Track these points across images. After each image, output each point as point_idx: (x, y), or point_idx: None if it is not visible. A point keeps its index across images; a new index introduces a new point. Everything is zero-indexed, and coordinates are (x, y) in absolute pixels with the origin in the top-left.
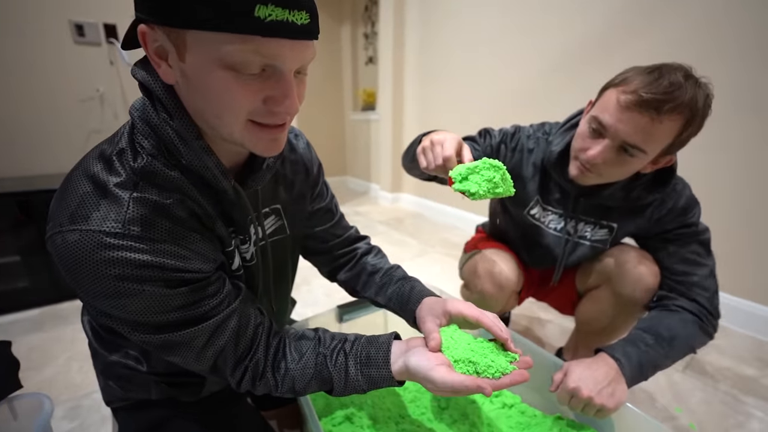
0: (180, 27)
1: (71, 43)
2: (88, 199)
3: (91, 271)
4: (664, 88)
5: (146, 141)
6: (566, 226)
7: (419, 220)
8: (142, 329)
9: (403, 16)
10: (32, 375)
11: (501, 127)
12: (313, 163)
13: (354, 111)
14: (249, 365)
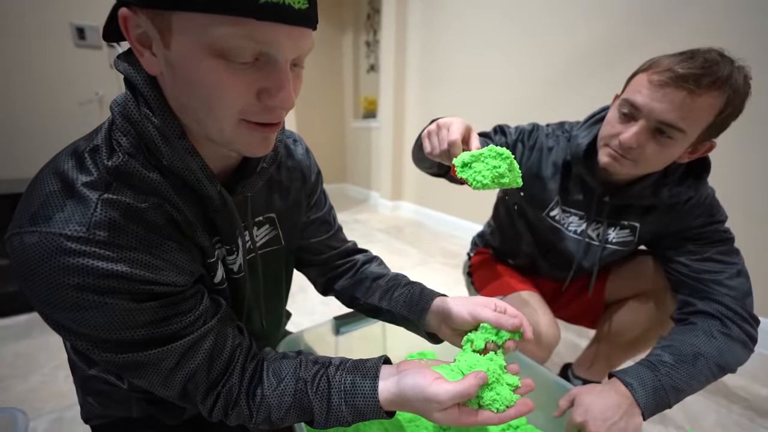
0: (166, 8)
1: (72, 46)
2: (53, 198)
3: (48, 278)
4: (701, 63)
5: (124, 138)
6: (587, 229)
7: (419, 229)
8: (103, 347)
9: (405, 22)
10: (17, 383)
11: (518, 125)
12: (312, 170)
13: (355, 119)
14: (222, 391)
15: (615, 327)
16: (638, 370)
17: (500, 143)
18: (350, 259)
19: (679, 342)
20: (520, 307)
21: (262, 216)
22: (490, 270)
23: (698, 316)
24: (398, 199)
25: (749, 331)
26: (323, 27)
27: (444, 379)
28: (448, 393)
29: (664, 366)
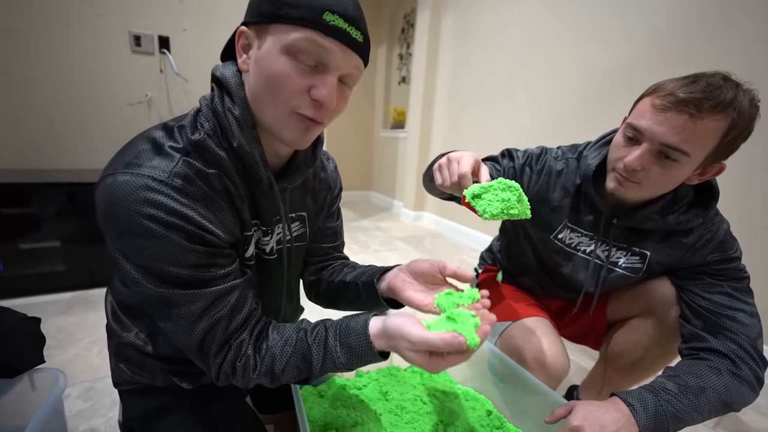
0: (270, 22)
1: (129, 52)
2: (145, 153)
3: (130, 208)
4: (702, 87)
5: (207, 123)
6: (596, 250)
7: (439, 240)
8: (150, 278)
9: (437, 39)
10: (57, 353)
11: (526, 148)
12: (336, 184)
13: (384, 128)
14: (233, 345)
15: (616, 348)
16: (641, 393)
17: (508, 167)
18: (340, 261)
19: (685, 374)
20: (526, 336)
21: (295, 213)
22: (496, 291)
23: (709, 353)
24: (421, 209)
25: (758, 374)
26: None
27: (422, 326)
28: (419, 336)
29: (667, 393)
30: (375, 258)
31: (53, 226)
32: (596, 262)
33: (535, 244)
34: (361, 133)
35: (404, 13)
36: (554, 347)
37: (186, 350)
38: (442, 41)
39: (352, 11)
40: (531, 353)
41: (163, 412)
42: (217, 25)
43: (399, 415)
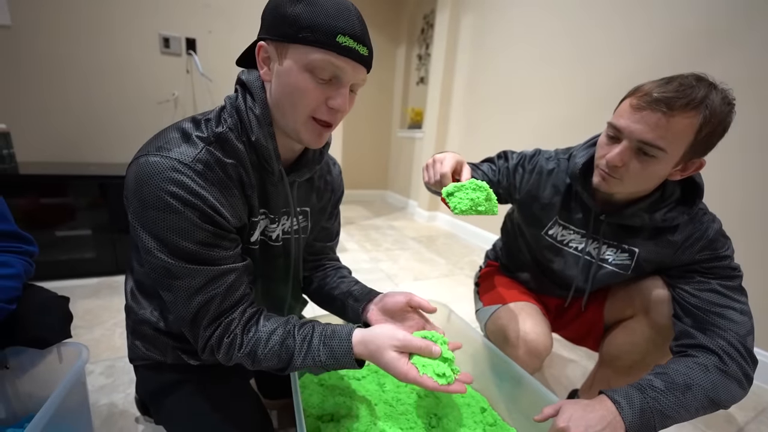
0: (289, 42)
1: (158, 53)
2: (175, 140)
3: (156, 183)
4: (675, 87)
5: (229, 118)
6: (587, 247)
7: (452, 241)
8: (162, 249)
9: (456, 39)
10: (83, 332)
11: (522, 150)
12: (340, 188)
13: (401, 128)
14: (223, 322)
15: (613, 350)
16: (627, 390)
17: (502, 167)
18: (330, 263)
19: (672, 371)
20: (512, 317)
21: (300, 207)
22: (494, 281)
23: (697, 350)
24: (435, 209)
25: (747, 371)
26: (380, 40)
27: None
28: (405, 335)
29: (654, 390)
30: (386, 256)
31: (85, 215)
32: (586, 259)
33: (529, 241)
34: (379, 133)
35: (424, 14)
36: (537, 327)
37: (180, 321)
38: (461, 42)
39: (359, 31)
40: (514, 332)
41: (172, 387)
42: (240, 28)
43: (393, 406)
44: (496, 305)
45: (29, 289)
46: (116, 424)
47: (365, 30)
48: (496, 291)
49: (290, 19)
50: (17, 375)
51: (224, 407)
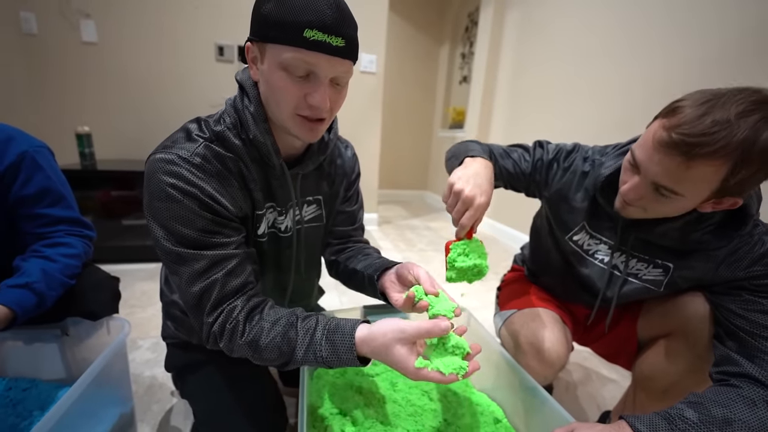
0: (264, 41)
1: (213, 60)
2: (179, 139)
3: (159, 177)
4: (702, 128)
5: (228, 118)
6: (613, 260)
7: (490, 244)
8: (168, 237)
9: (500, 36)
10: (137, 311)
11: (559, 143)
12: (354, 170)
13: (442, 128)
14: (226, 308)
15: (646, 370)
16: (653, 419)
17: (536, 159)
18: (356, 245)
19: (710, 402)
20: (526, 322)
21: (312, 197)
22: (516, 286)
23: (741, 380)
24: None
25: None
26: (423, 40)
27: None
28: (414, 326)
29: (685, 422)
30: (419, 257)
31: None
32: (612, 272)
33: (557, 243)
34: (420, 133)
35: (468, 12)
36: (552, 335)
37: (187, 308)
38: (505, 39)
39: (330, 21)
40: (526, 337)
41: (196, 366)
42: None
43: (403, 407)
44: (511, 310)
45: (87, 269)
46: (155, 394)
47: (341, 19)
48: (515, 296)
49: (263, 18)
50: (75, 342)
51: (240, 389)
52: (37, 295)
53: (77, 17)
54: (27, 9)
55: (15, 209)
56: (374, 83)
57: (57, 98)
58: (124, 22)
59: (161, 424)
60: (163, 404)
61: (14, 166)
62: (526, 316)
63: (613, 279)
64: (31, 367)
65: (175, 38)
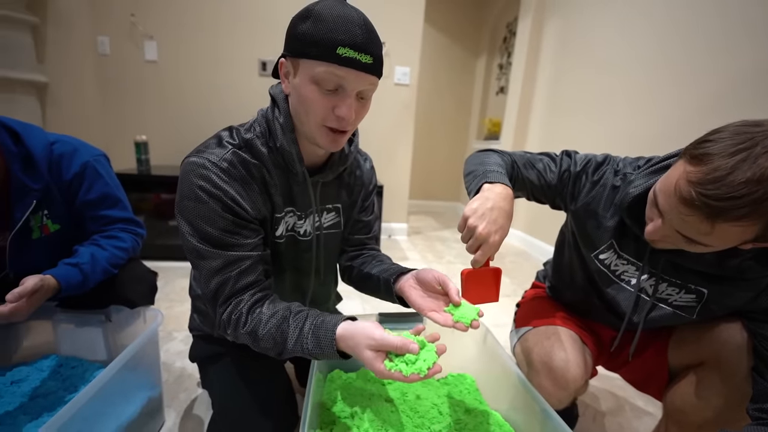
0: (298, 57)
1: (257, 75)
2: (211, 145)
3: (189, 179)
4: (728, 191)
5: (258, 127)
6: (641, 283)
7: (522, 259)
8: (193, 233)
9: (538, 46)
10: (177, 306)
11: (588, 154)
12: (372, 182)
13: (477, 139)
14: (233, 301)
15: (678, 402)
16: None
17: (562, 171)
18: (370, 252)
19: None
20: (541, 339)
21: (331, 204)
22: (536, 303)
23: None
24: None
25: None
26: (458, 52)
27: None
28: (382, 335)
29: None
30: (446, 269)
31: None
32: (641, 297)
33: (583, 259)
34: (454, 144)
35: (507, 22)
36: (567, 354)
37: (205, 298)
38: (543, 48)
39: (361, 40)
40: (539, 356)
41: (216, 357)
42: None
43: (410, 417)
44: (526, 327)
45: (131, 262)
46: (183, 383)
47: (369, 38)
48: (533, 313)
49: (299, 36)
50: (116, 328)
51: (255, 382)
52: (83, 274)
53: (142, 39)
54: (104, 33)
55: (81, 211)
56: (408, 95)
57: (121, 110)
58: (180, 42)
59: (186, 411)
60: (190, 393)
61: (79, 175)
62: (541, 334)
63: (641, 303)
64: (80, 348)
65: (223, 55)
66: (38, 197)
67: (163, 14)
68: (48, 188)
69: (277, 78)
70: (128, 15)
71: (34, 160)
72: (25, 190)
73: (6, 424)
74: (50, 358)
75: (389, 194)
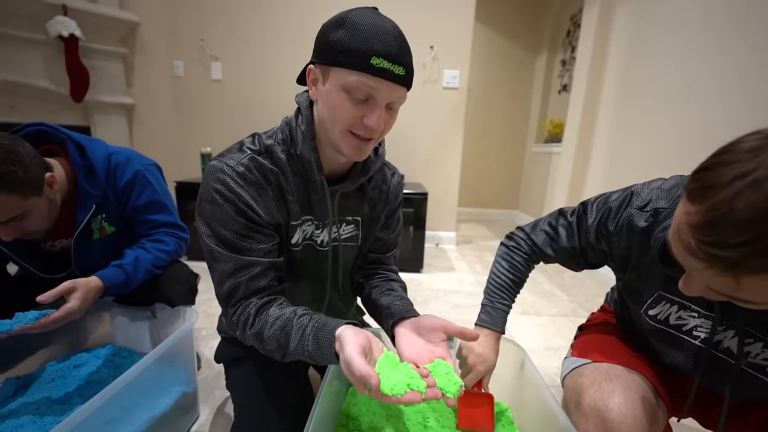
0: (330, 65)
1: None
2: (233, 150)
3: (208, 182)
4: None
5: (280, 134)
6: (715, 336)
7: (585, 275)
8: (209, 234)
9: (607, 37)
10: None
11: (605, 197)
12: (397, 198)
13: (536, 142)
14: (243, 303)
15: None
16: None
17: (579, 238)
18: (384, 273)
19: None
20: (597, 379)
21: (351, 216)
22: (602, 330)
23: None
24: None
25: None
26: (515, 49)
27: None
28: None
29: None
30: None
31: None
32: (718, 356)
33: (635, 315)
34: (510, 149)
35: (571, 14)
36: (629, 405)
37: (218, 299)
38: (613, 39)
39: (395, 51)
40: (592, 399)
41: (239, 360)
42: None
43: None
44: (584, 360)
45: (175, 264)
46: (220, 381)
47: (403, 50)
48: (596, 343)
49: (332, 44)
50: (159, 324)
51: (275, 386)
52: (126, 274)
53: (209, 61)
54: (178, 58)
55: (132, 215)
56: (456, 99)
57: (191, 125)
58: (242, 61)
59: (219, 408)
60: (224, 391)
61: (131, 182)
62: (601, 373)
63: (721, 365)
64: (131, 340)
65: (278, 71)
66: (97, 202)
67: (227, 37)
68: (105, 194)
69: (302, 84)
70: (198, 40)
71: (95, 169)
72: (87, 196)
73: (65, 403)
74: (107, 347)
75: (436, 202)
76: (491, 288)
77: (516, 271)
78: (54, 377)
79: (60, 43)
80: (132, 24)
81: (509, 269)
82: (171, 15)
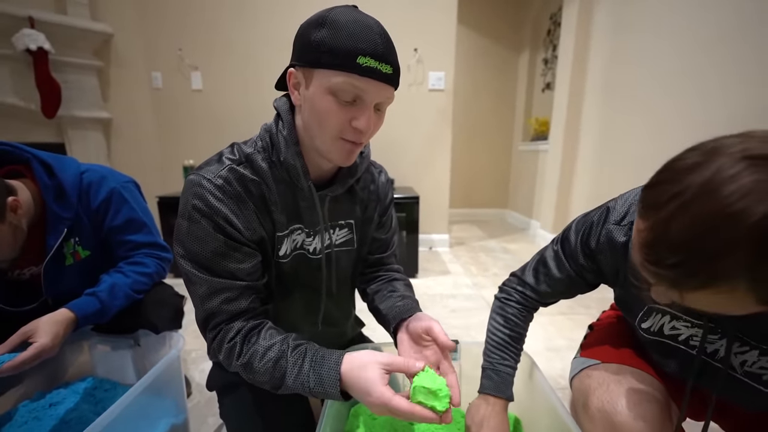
0: (312, 67)
1: None
2: (212, 162)
3: (185, 197)
4: (664, 255)
5: (260, 142)
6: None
7: None
8: (185, 254)
9: (587, 33)
10: None
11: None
12: (387, 196)
13: (523, 141)
14: (223, 328)
15: None
16: None
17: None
18: (385, 274)
19: None
20: (605, 381)
21: (343, 220)
22: (613, 329)
23: None
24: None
25: None
26: (498, 50)
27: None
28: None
29: None
30: (492, 282)
31: None
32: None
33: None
34: (497, 148)
35: (551, 13)
36: (637, 408)
37: (197, 322)
38: (594, 35)
39: (381, 49)
40: (600, 402)
41: (232, 387)
42: None
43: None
44: (593, 360)
45: (157, 286)
46: (213, 407)
47: (389, 47)
48: (606, 342)
49: (314, 44)
50: (144, 352)
51: (271, 414)
52: (101, 302)
53: (189, 70)
54: (156, 69)
55: (108, 237)
56: (443, 101)
57: (172, 137)
58: (223, 69)
59: None
60: (218, 418)
61: (106, 201)
62: (610, 373)
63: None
64: (113, 371)
65: (262, 77)
66: (69, 225)
67: (206, 46)
68: (78, 216)
69: (281, 90)
70: (176, 49)
71: (65, 189)
72: (58, 219)
73: None
74: (86, 380)
75: (428, 205)
76: (489, 348)
77: (512, 326)
78: (27, 419)
79: (28, 57)
80: (105, 35)
81: (504, 325)
82: (146, 25)
